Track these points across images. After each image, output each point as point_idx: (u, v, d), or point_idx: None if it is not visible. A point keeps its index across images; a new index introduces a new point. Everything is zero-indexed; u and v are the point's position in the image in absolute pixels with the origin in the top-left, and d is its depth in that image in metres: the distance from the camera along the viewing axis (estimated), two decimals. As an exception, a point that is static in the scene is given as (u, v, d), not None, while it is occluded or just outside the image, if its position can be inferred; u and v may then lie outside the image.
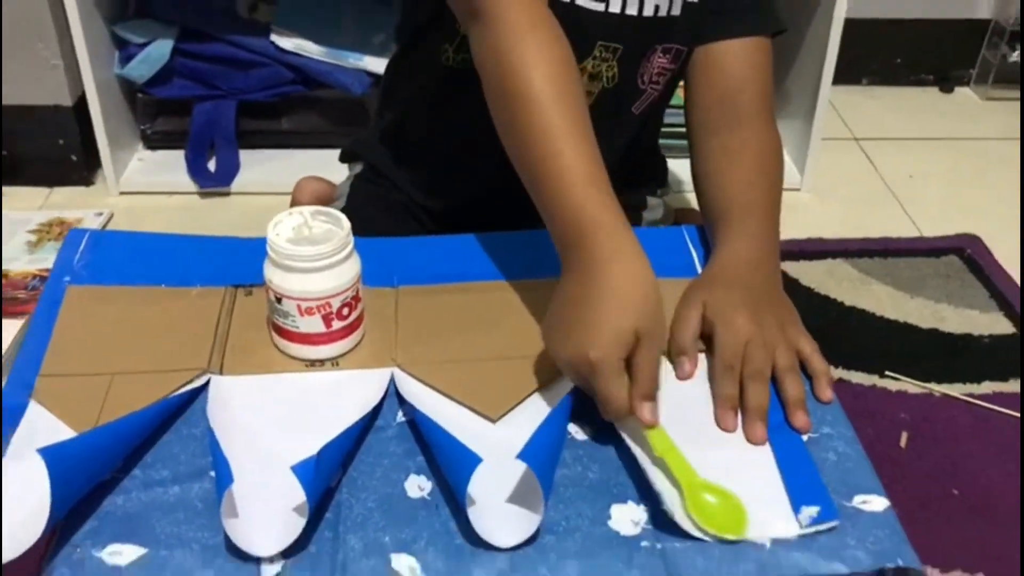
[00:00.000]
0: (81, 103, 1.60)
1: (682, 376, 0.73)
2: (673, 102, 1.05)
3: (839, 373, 1.17)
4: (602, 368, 0.64)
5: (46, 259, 1.34)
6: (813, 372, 0.74)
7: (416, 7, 0.98)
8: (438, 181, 1.04)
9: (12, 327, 1.23)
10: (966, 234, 1.51)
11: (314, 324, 0.72)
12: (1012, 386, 1.17)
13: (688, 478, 0.62)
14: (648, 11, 0.90)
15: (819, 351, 0.75)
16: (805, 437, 0.69)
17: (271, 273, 0.71)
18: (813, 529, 0.60)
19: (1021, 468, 1.03)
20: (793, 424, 0.69)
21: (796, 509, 0.62)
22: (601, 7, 0.89)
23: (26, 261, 1.34)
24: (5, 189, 1.63)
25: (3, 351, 0.78)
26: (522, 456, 0.60)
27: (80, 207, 1.61)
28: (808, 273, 1.39)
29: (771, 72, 0.94)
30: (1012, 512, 1.00)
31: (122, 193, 1.66)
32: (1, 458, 0.61)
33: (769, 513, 0.61)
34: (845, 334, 1.26)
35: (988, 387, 1.17)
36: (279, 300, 0.72)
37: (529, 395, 0.71)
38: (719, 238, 0.84)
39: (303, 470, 0.58)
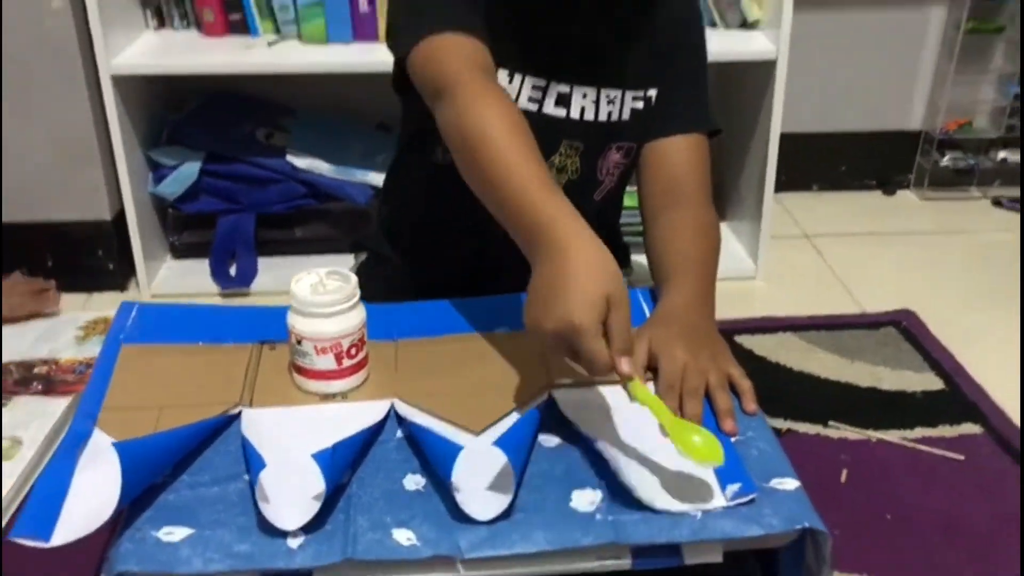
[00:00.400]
0: (119, 218, 1.76)
1: (621, 371, 0.84)
2: (626, 205, 1.19)
3: (787, 425, 1.29)
4: (585, 330, 0.71)
5: (92, 350, 1.47)
6: (740, 390, 0.86)
7: (412, 118, 1.14)
8: (430, 260, 1.17)
9: (63, 402, 1.35)
10: (903, 309, 1.65)
11: (327, 362, 0.85)
12: (940, 431, 1.28)
13: (671, 419, 0.74)
14: (603, 117, 1.05)
15: (745, 375, 0.87)
16: (733, 439, 0.80)
17: (293, 320, 0.84)
18: (736, 502, 0.72)
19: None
20: (723, 428, 0.81)
21: (723, 487, 0.73)
22: (563, 113, 1.04)
23: (74, 351, 1.49)
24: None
25: (57, 418, 0.89)
26: (497, 443, 0.72)
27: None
28: (761, 345, 1.52)
29: (708, 163, 1.09)
30: (936, 532, 1.10)
31: (153, 296, 1.80)
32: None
33: (700, 491, 0.73)
34: (793, 393, 1.38)
35: (920, 432, 1.28)
36: (299, 342, 0.84)
37: (506, 414, 0.83)
38: (663, 292, 0.97)
39: (321, 457, 0.69)
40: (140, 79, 1.72)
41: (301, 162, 1.82)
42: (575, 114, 1.04)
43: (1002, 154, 2.26)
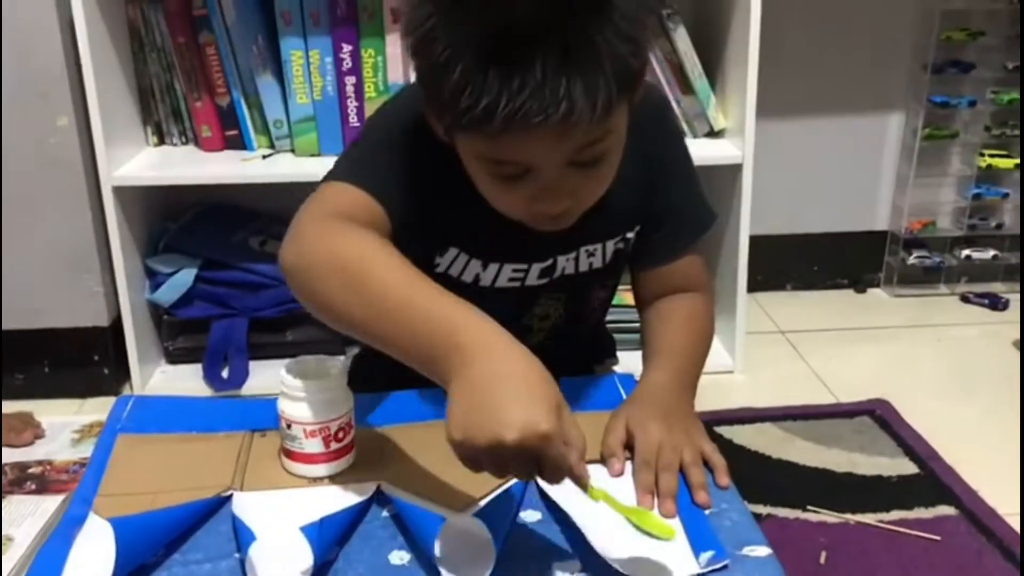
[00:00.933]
0: (115, 324, 1.80)
1: (612, 474, 0.87)
2: (619, 302, 1.21)
3: (766, 510, 1.31)
4: (556, 435, 0.65)
5: (87, 451, 1.49)
6: (712, 465, 0.88)
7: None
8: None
9: (56, 500, 1.36)
10: (876, 399, 1.68)
11: (316, 445, 0.87)
12: (916, 513, 1.30)
13: (626, 509, 0.78)
14: (584, 268, 1.02)
15: (718, 451, 0.90)
16: (707, 512, 0.83)
17: (283, 404, 0.87)
18: (709, 568, 0.74)
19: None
20: (696, 501, 0.83)
21: (696, 554, 0.75)
22: (546, 280, 1.01)
23: (69, 452, 1.51)
24: (42, 402, 1.78)
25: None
26: (477, 515, 0.74)
27: (110, 412, 1.77)
28: (740, 434, 1.54)
29: (704, 260, 1.09)
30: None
31: (146, 400, 1.81)
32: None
33: (676, 559, 0.75)
34: (772, 480, 1.40)
35: (896, 515, 1.30)
36: (289, 426, 0.87)
37: (488, 493, 0.85)
38: (644, 372, 1.00)
39: (309, 530, 0.71)
40: (139, 190, 1.78)
41: (293, 267, 1.87)
42: (557, 275, 1.02)
43: (966, 251, 2.34)
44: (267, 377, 1.84)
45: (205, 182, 1.79)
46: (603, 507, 0.78)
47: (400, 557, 0.77)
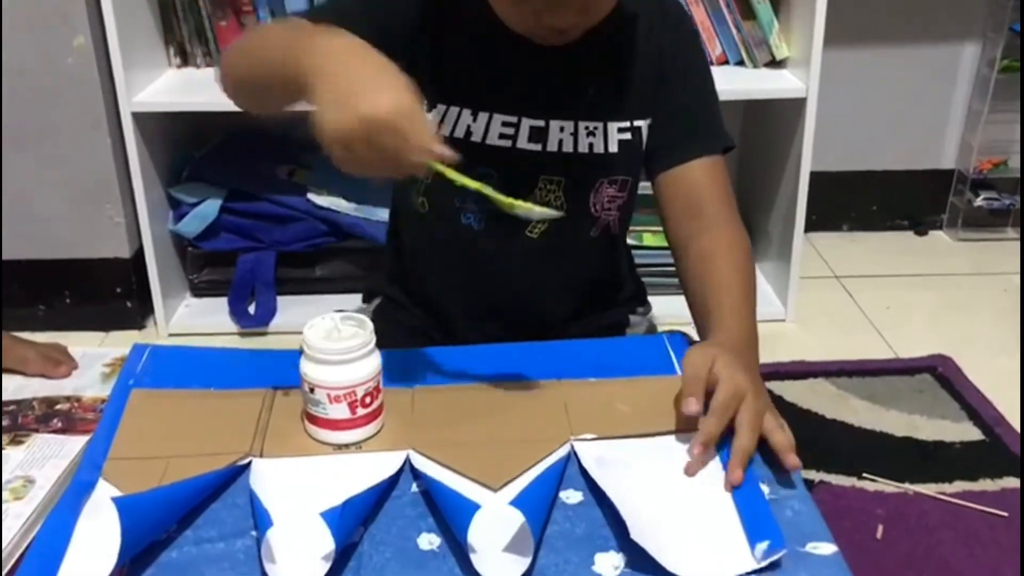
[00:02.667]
0: (138, 256, 1.76)
1: (687, 411, 0.80)
2: (642, 243, 1.16)
3: (820, 476, 1.25)
4: (421, 114, 0.71)
5: (116, 389, 1.46)
6: (775, 443, 0.81)
7: None
8: (441, 306, 1.14)
9: (81, 441, 1.33)
10: (938, 355, 1.60)
11: (341, 411, 0.82)
12: (981, 485, 1.23)
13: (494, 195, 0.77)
14: (583, 148, 1.01)
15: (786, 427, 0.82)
16: (767, 492, 0.76)
17: (306, 367, 0.82)
18: (767, 561, 0.68)
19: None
20: (787, 464, 0.77)
21: (752, 545, 0.69)
22: (539, 147, 0.99)
23: (99, 389, 1.46)
24: (65, 334, 1.76)
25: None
26: (515, 503, 0.68)
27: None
28: (791, 391, 1.48)
29: (727, 181, 1.04)
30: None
31: (171, 335, 1.78)
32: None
33: (729, 553, 0.69)
34: (826, 442, 1.34)
35: (959, 486, 1.23)
36: (312, 390, 0.82)
37: (526, 469, 0.79)
38: (703, 333, 0.93)
39: (330, 516, 0.66)
40: (161, 116, 1.72)
41: (321, 200, 1.81)
42: (552, 147, 1.01)
43: (1039, 194, 2.22)
44: (295, 313, 1.79)
45: (230, 108, 1.71)
46: (660, 472, 0.74)
47: (430, 541, 0.72)
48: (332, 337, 0.83)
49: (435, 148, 0.73)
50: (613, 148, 1.02)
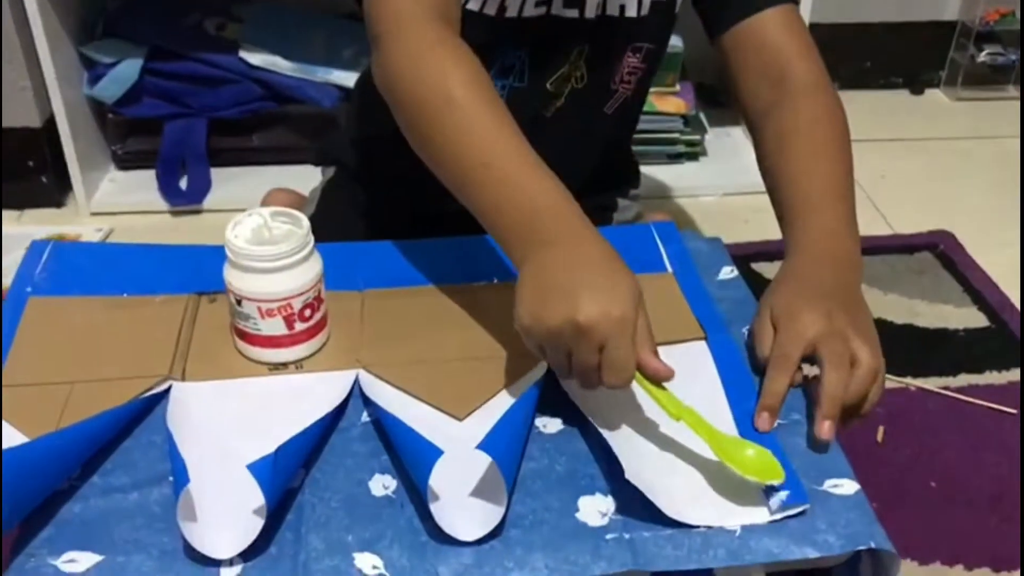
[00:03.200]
0: (50, 124, 1.59)
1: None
2: (647, 109, 1.05)
3: (812, 371, 1.17)
4: (630, 323, 0.61)
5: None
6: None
7: None
8: (407, 188, 1.03)
9: None
10: (939, 231, 1.51)
11: (276, 326, 0.71)
12: (987, 378, 1.17)
13: (720, 435, 0.62)
14: (613, 11, 0.89)
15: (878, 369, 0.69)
16: (775, 425, 0.68)
17: (230, 275, 0.70)
18: (783, 514, 0.60)
19: (1021, 461, 1.02)
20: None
21: (766, 494, 0.61)
22: (575, 14, 0.88)
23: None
24: (-27, 213, 1.61)
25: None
26: (482, 447, 0.59)
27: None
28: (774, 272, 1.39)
29: (808, 35, 0.89)
30: (989, 502, 0.99)
31: (93, 214, 1.64)
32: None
33: (738, 499, 0.61)
34: (820, 331, 1.26)
35: (964, 379, 1.17)
36: (239, 302, 0.71)
37: (495, 394, 0.70)
38: (785, 239, 0.80)
39: (260, 469, 0.56)
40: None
41: (256, 58, 1.64)
42: (590, 13, 0.89)
43: (1046, 49, 2.10)
44: (232, 188, 1.65)
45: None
46: (682, 429, 0.63)
47: (384, 485, 0.63)
48: (261, 238, 0.71)
49: (649, 363, 0.63)
50: (645, 11, 0.90)
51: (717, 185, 1.69)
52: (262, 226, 0.72)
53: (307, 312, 0.72)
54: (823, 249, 0.76)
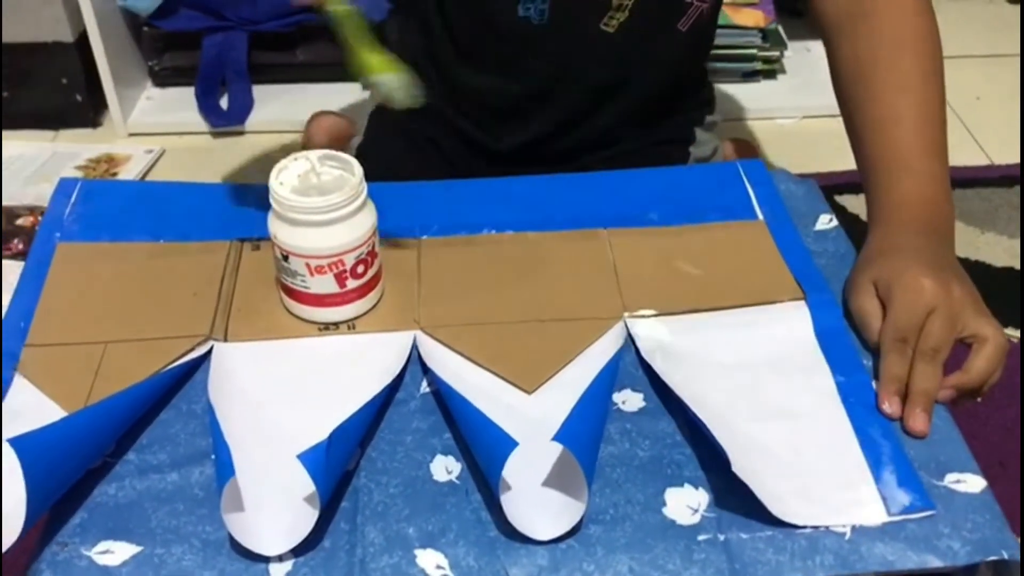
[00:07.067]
0: (83, 39, 1.53)
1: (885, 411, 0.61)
2: (721, 21, 0.96)
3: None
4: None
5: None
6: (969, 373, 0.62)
7: None
8: (464, 107, 0.95)
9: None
10: (1042, 160, 1.41)
11: (326, 284, 0.65)
12: (1098, 330, 1.09)
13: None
14: None
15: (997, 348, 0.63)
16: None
17: (276, 227, 0.65)
18: (902, 517, 0.53)
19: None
20: (907, 422, 0.59)
21: (883, 493, 0.54)
22: None
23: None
24: (6, 133, 1.57)
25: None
26: (560, 436, 0.53)
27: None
28: (861, 206, 1.30)
29: None
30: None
31: (131, 135, 1.59)
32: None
33: (850, 497, 0.54)
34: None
35: (1072, 331, 1.09)
36: (286, 258, 0.65)
37: (568, 363, 0.64)
38: (872, 197, 0.73)
39: (312, 459, 0.51)
40: None
41: (300, -34, 1.56)
42: None
43: None
44: (275, 107, 1.60)
45: None
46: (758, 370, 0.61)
47: (447, 469, 0.58)
48: (308, 185, 0.65)
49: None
50: None
51: (797, 106, 1.59)
52: (309, 172, 0.66)
53: (360, 268, 0.66)
54: (921, 218, 0.68)
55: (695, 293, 0.69)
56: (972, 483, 0.56)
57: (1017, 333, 1.08)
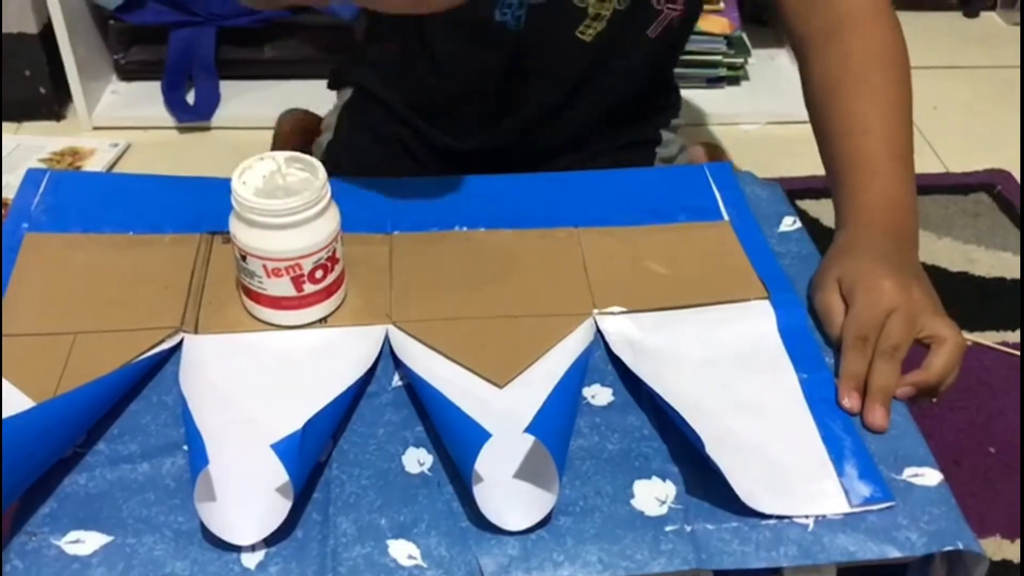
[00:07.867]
0: (48, 30, 1.51)
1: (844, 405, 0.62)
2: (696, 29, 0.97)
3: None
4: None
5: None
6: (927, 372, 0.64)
7: None
8: (435, 110, 0.96)
9: None
10: (995, 169, 1.45)
11: (283, 287, 0.65)
12: (1049, 333, 1.12)
13: None
14: None
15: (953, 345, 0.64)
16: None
17: (235, 227, 0.64)
18: (863, 508, 0.55)
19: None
20: (866, 417, 0.61)
21: (845, 486, 0.56)
22: None
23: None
24: (-31, 125, 1.54)
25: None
26: (532, 429, 0.54)
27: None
28: (829, 212, 1.32)
29: None
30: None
31: (96, 128, 1.57)
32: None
33: (814, 487, 0.56)
34: (870, 278, 1.21)
35: None
36: (244, 258, 0.65)
37: (539, 358, 0.64)
38: (839, 200, 0.74)
39: (286, 449, 0.52)
40: None
41: (269, -36, 1.55)
42: None
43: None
44: (242, 102, 1.59)
45: None
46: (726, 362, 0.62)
47: (418, 461, 0.58)
48: (274, 186, 0.65)
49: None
50: None
51: (760, 112, 1.61)
52: (275, 172, 0.66)
53: (318, 274, 0.65)
54: (886, 220, 0.70)
55: (663, 291, 0.70)
56: (930, 476, 0.58)
57: (971, 336, 1.10)
